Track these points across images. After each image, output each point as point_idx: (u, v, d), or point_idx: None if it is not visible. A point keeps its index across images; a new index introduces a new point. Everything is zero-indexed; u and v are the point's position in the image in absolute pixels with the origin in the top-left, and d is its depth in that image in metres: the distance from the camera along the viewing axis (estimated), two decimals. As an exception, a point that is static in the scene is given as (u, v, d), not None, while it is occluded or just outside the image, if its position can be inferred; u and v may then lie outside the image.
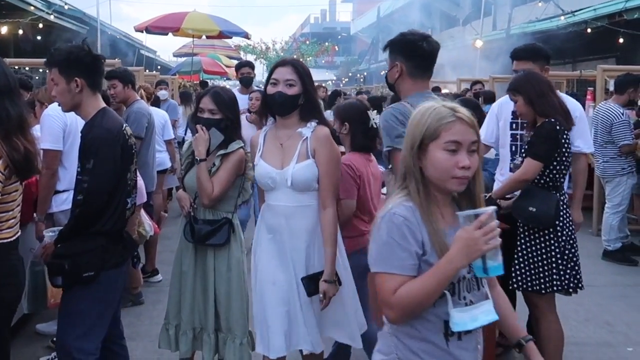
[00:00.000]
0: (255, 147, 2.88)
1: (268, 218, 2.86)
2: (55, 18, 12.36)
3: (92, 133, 2.69)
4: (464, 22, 21.71)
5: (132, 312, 4.70)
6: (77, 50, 2.73)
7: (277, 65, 2.84)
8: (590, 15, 12.18)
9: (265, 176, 2.79)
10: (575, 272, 3.32)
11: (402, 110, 2.67)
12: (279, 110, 2.80)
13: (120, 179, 2.73)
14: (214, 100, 3.11)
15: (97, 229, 2.68)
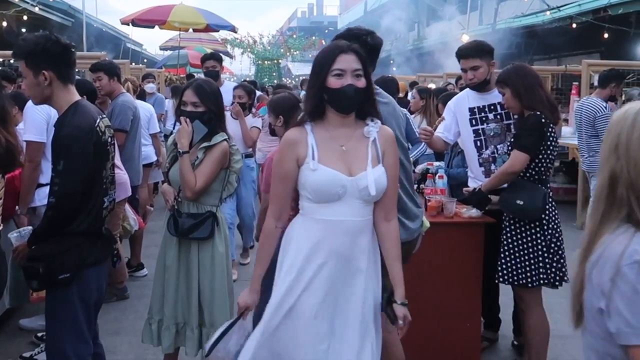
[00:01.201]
0: (300, 148, 2.27)
1: (322, 238, 2.25)
2: (40, 10, 12.20)
3: (61, 132, 2.54)
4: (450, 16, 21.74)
5: (117, 306, 4.67)
6: (44, 40, 2.54)
7: (338, 52, 2.24)
8: (575, 10, 12.24)
9: (334, 184, 2.22)
10: (561, 265, 3.34)
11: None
12: (348, 107, 2.27)
13: (94, 178, 2.60)
14: (196, 93, 3.09)
15: (71, 230, 2.57)
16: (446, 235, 3.58)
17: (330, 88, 2.23)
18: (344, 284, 2.27)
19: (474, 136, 3.81)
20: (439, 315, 3.59)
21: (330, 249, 2.26)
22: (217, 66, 5.96)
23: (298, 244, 2.30)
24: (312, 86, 2.30)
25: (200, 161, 3.08)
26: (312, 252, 2.26)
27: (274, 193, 2.38)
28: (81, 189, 2.53)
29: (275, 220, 2.36)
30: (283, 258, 2.34)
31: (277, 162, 2.35)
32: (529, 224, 3.32)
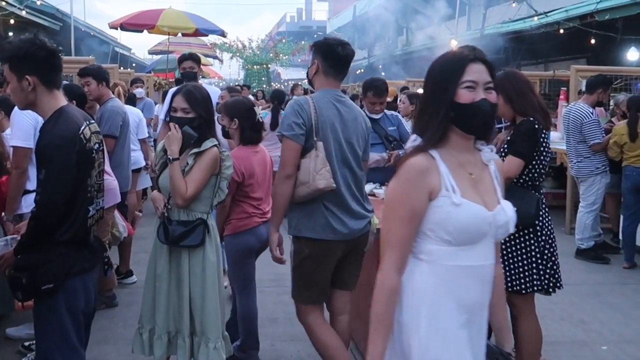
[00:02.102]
0: (432, 178, 1.84)
1: (465, 289, 1.87)
2: (27, 14, 12.09)
3: (43, 140, 2.48)
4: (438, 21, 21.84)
5: (105, 314, 4.60)
6: (28, 45, 2.47)
7: (467, 61, 1.88)
8: (562, 16, 12.33)
9: (482, 221, 1.86)
10: (554, 271, 3.34)
11: (301, 102, 3.07)
12: (482, 126, 1.91)
13: (78, 187, 2.54)
14: (186, 99, 3.07)
15: (55, 239, 2.51)
16: (438, 242, 3.55)
17: (459, 103, 1.85)
18: (478, 344, 1.91)
19: None
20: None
21: (472, 302, 1.87)
22: (194, 67, 5.50)
23: (432, 300, 1.85)
24: (434, 102, 1.90)
25: (191, 167, 3.05)
26: (455, 309, 1.86)
27: (395, 238, 1.85)
28: (63, 199, 2.47)
29: (397, 274, 1.86)
30: (409, 318, 1.86)
31: (399, 198, 1.86)
32: (523, 230, 3.31)
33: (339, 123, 3.10)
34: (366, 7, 32.06)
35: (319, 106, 3.06)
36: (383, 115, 4.91)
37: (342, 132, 3.10)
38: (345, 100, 3.18)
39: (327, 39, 3.21)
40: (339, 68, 3.15)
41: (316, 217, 3.05)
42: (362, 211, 3.15)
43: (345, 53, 3.11)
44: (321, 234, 3.05)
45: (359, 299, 4.05)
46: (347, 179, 3.11)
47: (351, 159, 3.12)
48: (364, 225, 3.15)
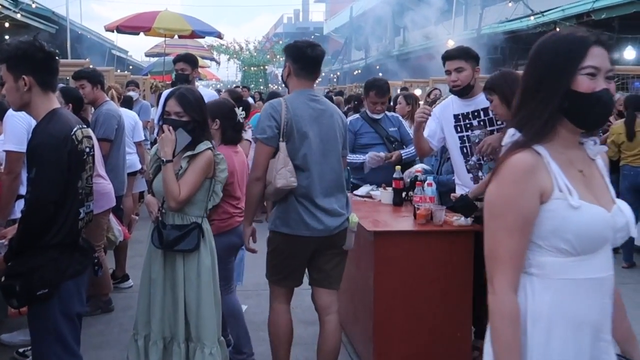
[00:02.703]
0: (542, 178, 1.61)
1: (587, 307, 1.62)
2: (23, 17, 12.04)
3: (35, 140, 2.50)
4: (436, 22, 21.84)
5: (101, 319, 4.57)
6: (27, 45, 2.51)
7: (590, 43, 1.62)
8: (559, 15, 12.34)
9: (605, 226, 1.62)
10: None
11: (275, 105, 3.17)
12: (600, 120, 1.69)
13: (68, 188, 2.54)
14: (179, 103, 3.05)
15: (45, 242, 2.50)
16: (435, 244, 3.54)
17: (577, 92, 1.60)
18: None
19: (459, 143, 3.78)
20: (429, 325, 3.54)
21: (594, 321, 1.63)
22: (187, 69, 5.24)
23: (547, 322, 1.61)
24: (544, 89, 1.64)
25: (184, 170, 3.02)
26: (574, 331, 1.61)
27: (506, 252, 1.61)
28: (54, 198, 2.48)
29: (514, 294, 1.61)
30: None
31: (506, 204, 1.61)
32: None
33: (315, 121, 3.19)
34: (363, 8, 32.08)
35: (293, 107, 3.15)
36: (384, 116, 4.89)
37: (318, 130, 3.19)
38: (320, 98, 3.30)
39: (296, 42, 3.33)
40: (310, 69, 3.26)
41: (291, 214, 3.15)
42: (338, 209, 3.21)
43: (315, 54, 3.22)
44: (295, 230, 3.15)
45: (355, 303, 4.04)
46: (325, 176, 3.19)
47: (329, 156, 3.21)
48: (340, 222, 3.21)
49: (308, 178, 3.13)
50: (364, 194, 4.50)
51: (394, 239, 3.54)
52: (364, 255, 3.74)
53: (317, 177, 3.16)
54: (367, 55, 31.06)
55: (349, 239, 3.28)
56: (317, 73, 3.30)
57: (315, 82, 3.40)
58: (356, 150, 4.77)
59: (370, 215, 3.86)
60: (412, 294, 3.53)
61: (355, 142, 4.79)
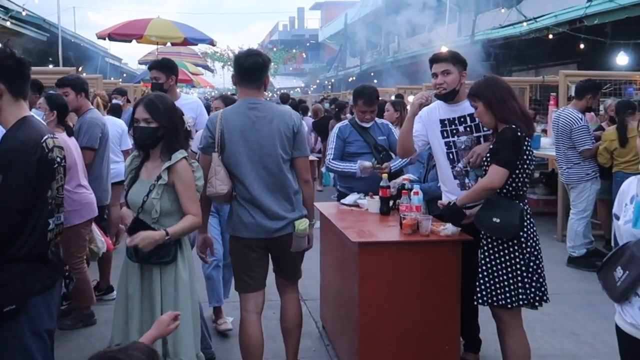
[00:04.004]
0: None
1: None
2: (12, 24, 11.95)
3: (3, 146, 2.43)
4: (429, 28, 21.83)
5: (81, 333, 4.46)
6: None
7: None
8: (551, 21, 12.30)
9: None
10: (540, 284, 3.23)
11: (212, 118, 3.42)
12: None
13: (37, 197, 2.46)
14: (147, 109, 2.98)
15: (12, 255, 2.41)
16: (422, 255, 3.45)
17: None
18: None
19: (445, 149, 3.71)
20: (416, 338, 3.45)
21: None
22: (160, 77, 4.66)
23: None
24: None
25: (165, 183, 2.94)
26: None
27: None
28: (20, 206, 2.39)
29: None
30: None
31: None
32: (507, 242, 3.20)
33: (250, 129, 3.30)
34: (357, 15, 32.10)
35: (226, 118, 3.32)
36: (373, 124, 4.80)
37: (254, 137, 3.30)
38: (259, 106, 3.36)
39: (237, 53, 3.56)
40: (245, 77, 3.39)
41: (234, 217, 3.39)
42: (280, 212, 3.33)
43: (247, 63, 3.36)
44: (236, 231, 3.38)
45: (340, 315, 3.95)
46: (264, 180, 3.31)
47: (267, 161, 3.30)
48: (280, 226, 3.33)
49: (245, 184, 3.30)
50: (351, 202, 4.41)
51: (379, 250, 3.45)
52: (348, 266, 3.65)
53: (254, 182, 3.29)
54: (362, 62, 31.05)
55: (295, 242, 3.38)
56: (257, 81, 3.38)
57: (262, 90, 3.45)
58: (344, 158, 4.69)
59: (356, 225, 3.78)
60: (399, 306, 3.44)
61: (344, 149, 4.71)
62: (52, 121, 4.26)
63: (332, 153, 4.70)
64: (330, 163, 4.72)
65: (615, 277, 2.22)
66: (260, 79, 3.39)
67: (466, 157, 3.57)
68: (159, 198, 2.95)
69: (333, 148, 4.71)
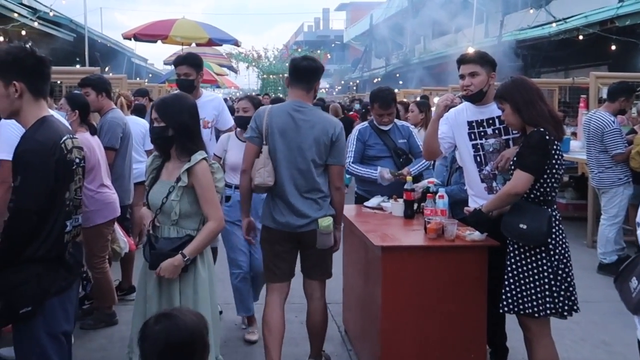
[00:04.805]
0: None
1: None
2: (40, 25, 12.11)
3: (21, 146, 2.41)
4: (456, 29, 21.61)
5: (103, 333, 4.45)
6: (17, 51, 2.46)
7: None
8: (581, 22, 12.05)
9: None
10: (569, 293, 3.10)
11: (260, 112, 3.60)
12: None
13: (55, 198, 2.43)
14: (156, 109, 3.00)
15: (28, 256, 2.39)
16: (447, 260, 3.35)
17: None
18: None
19: (473, 151, 3.60)
20: (441, 346, 3.35)
21: None
22: (191, 74, 4.59)
23: None
24: None
25: (185, 186, 2.91)
26: None
27: None
28: (37, 207, 2.37)
29: None
30: None
31: None
32: (534, 249, 3.09)
33: (292, 130, 3.47)
34: (383, 16, 31.96)
35: (272, 115, 3.50)
36: (393, 127, 4.70)
37: (293, 138, 3.46)
38: (305, 109, 3.52)
39: (296, 56, 3.88)
40: (298, 77, 3.58)
41: (265, 208, 3.60)
42: (304, 210, 3.47)
43: (302, 65, 3.58)
44: (266, 222, 3.58)
45: (362, 319, 3.87)
46: (295, 179, 3.47)
47: (300, 162, 3.46)
48: (304, 223, 3.47)
49: (277, 180, 3.46)
50: (374, 205, 4.33)
51: (402, 255, 3.36)
52: (371, 270, 3.57)
53: (285, 180, 3.46)
54: (387, 63, 30.89)
55: (319, 239, 3.49)
56: (308, 84, 3.56)
57: (311, 94, 3.61)
58: (363, 162, 4.60)
59: (379, 228, 3.69)
60: (423, 313, 3.34)
61: (364, 152, 4.62)
62: (74, 121, 4.25)
63: (352, 156, 4.61)
64: (350, 166, 4.61)
65: (630, 287, 2.11)
66: (311, 82, 3.57)
67: (494, 161, 3.47)
68: (179, 200, 2.92)
69: (353, 151, 4.62)
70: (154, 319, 1.87)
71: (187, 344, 1.80)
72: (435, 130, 3.65)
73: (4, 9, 10.49)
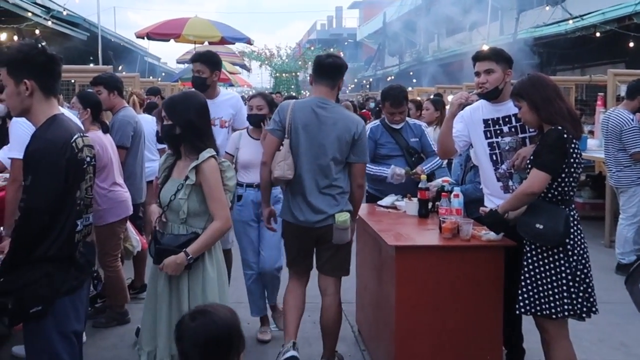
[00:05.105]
0: None
1: None
2: (53, 24, 12.17)
3: (32, 145, 2.39)
4: (470, 27, 21.44)
5: (115, 332, 4.43)
6: (28, 48, 2.44)
7: None
8: (599, 19, 11.89)
9: None
10: (588, 294, 3.03)
11: (283, 105, 3.65)
12: None
13: (65, 197, 2.42)
14: (164, 107, 3.02)
15: (39, 255, 2.37)
16: (463, 260, 3.29)
17: None
18: None
19: (488, 150, 3.54)
20: (456, 348, 3.30)
21: None
22: (204, 72, 4.45)
23: None
24: None
25: (193, 184, 2.88)
26: None
27: None
28: (48, 207, 2.36)
29: None
30: None
31: None
32: (552, 250, 3.02)
33: (315, 125, 3.51)
34: (396, 14, 31.82)
35: (295, 110, 3.55)
36: (405, 125, 4.64)
37: (315, 134, 3.51)
38: (328, 106, 3.57)
39: (318, 56, 3.86)
40: (322, 74, 3.63)
41: (285, 203, 3.67)
42: (321, 207, 3.51)
43: (327, 62, 3.62)
44: (285, 216, 3.67)
45: (376, 319, 3.82)
46: (315, 174, 3.52)
47: (321, 158, 3.51)
48: (320, 218, 3.52)
49: (300, 174, 3.51)
50: (388, 204, 4.27)
51: (417, 254, 3.30)
52: (385, 270, 3.52)
53: (305, 175, 3.51)
54: (400, 61, 30.75)
55: (335, 234, 3.52)
56: (332, 80, 3.60)
57: (335, 91, 3.66)
58: (375, 161, 4.54)
59: (393, 227, 3.64)
60: (437, 314, 3.29)
61: (376, 151, 4.56)
62: (87, 119, 4.24)
63: None
64: None
65: None
66: (335, 78, 3.61)
67: (510, 160, 3.40)
68: (186, 198, 2.90)
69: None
70: (189, 317, 1.92)
71: (225, 337, 1.88)
72: (450, 129, 3.59)
73: (18, 8, 10.54)
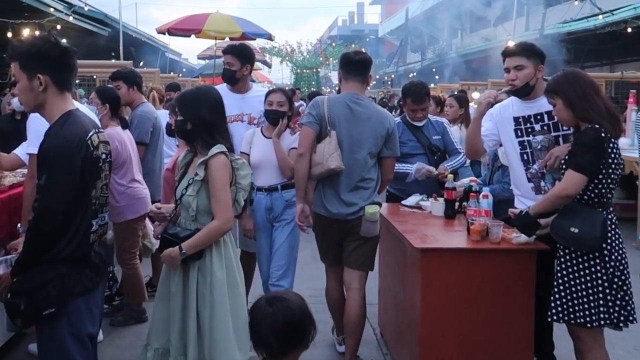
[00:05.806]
0: None
1: None
2: (75, 20, 12.22)
3: (46, 143, 2.31)
4: (495, 22, 21.11)
5: (132, 331, 4.37)
6: (42, 42, 2.36)
7: None
8: (630, 14, 11.56)
9: None
10: (625, 302, 2.87)
11: (318, 100, 3.68)
12: None
13: (81, 196, 2.33)
14: (176, 103, 3.00)
15: (53, 256, 2.30)
16: (492, 264, 3.15)
17: None
18: None
19: (519, 149, 3.39)
20: (483, 355, 3.16)
21: None
22: (234, 64, 4.29)
23: None
24: None
25: (201, 180, 2.80)
26: None
27: None
28: (63, 206, 2.27)
29: None
30: None
31: None
32: (587, 255, 2.86)
33: (349, 120, 3.57)
34: (419, 9, 31.49)
35: (330, 104, 3.60)
36: (427, 123, 4.49)
37: (350, 129, 3.56)
38: (362, 102, 3.64)
39: (345, 52, 3.93)
40: (352, 70, 3.67)
41: (317, 195, 3.70)
42: (352, 200, 3.57)
43: (356, 58, 3.67)
44: (317, 209, 3.69)
45: (400, 322, 3.69)
46: (350, 168, 3.55)
47: (357, 153, 3.56)
48: (352, 211, 3.56)
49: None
50: (413, 204, 4.13)
51: (443, 257, 3.17)
52: (409, 272, 3.40)
53: (343, 170, 3.53)
54: (423, 58, 30.44)
55: (364, 226, 3.53)
56: (362, 75, 3.66)
57: (364, 86, 3.72)
58: (397, 159, 4.40)
59: (419, 229, 3.51)
60: (465, 319, 3.15)
61: None
62: (105, 115, 4.18)
63: None
64: None
65: None
66: (365, 73, 3.67)
67: (543, 160, 3.24)
68: (195, 195, 2.82)
69: None
70: (265, 302, 2.05)
71: (300, 321, 2.02)
72: (478, 128, 3.46)
73: (40, 4, 10.61)
